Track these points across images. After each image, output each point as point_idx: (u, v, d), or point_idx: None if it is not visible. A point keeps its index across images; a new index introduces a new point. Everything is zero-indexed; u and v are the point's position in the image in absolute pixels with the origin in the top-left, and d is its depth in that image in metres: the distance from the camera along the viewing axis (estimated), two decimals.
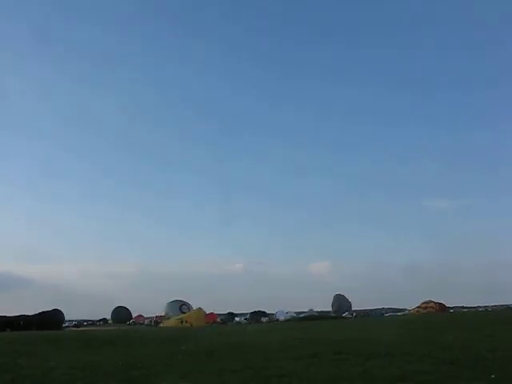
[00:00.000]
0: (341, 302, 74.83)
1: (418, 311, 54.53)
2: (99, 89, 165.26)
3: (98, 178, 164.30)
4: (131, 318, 78.26)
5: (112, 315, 79.59)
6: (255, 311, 73.72)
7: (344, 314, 67.26)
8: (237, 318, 70.95)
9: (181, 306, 59.67)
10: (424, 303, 56.09)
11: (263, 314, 72.21)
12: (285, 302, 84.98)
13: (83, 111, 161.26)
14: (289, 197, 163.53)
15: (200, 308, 54.30)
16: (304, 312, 69.54)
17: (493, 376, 7.75)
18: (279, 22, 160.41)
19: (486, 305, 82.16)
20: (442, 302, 57.42)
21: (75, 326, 59.53)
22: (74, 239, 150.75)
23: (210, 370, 9.66)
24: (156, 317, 71.19)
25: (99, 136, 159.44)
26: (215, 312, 70.51)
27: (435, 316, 36.09)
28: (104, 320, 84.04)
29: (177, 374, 9.41)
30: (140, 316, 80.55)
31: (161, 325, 55.06)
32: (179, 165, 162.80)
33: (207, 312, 57.93)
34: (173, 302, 61.15)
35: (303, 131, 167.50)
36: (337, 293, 76.77)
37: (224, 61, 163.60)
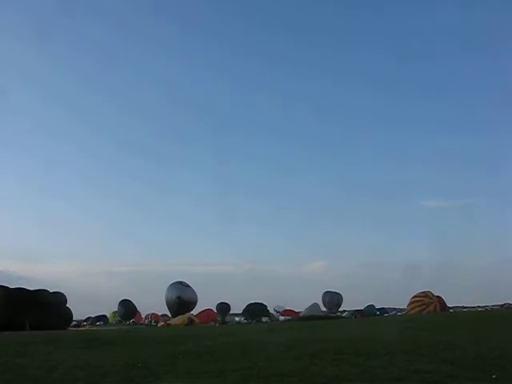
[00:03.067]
0: (328, 297, 74.95)
1: (417, 301, 51.09)
2: (99, 89, 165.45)
3: (97, 178, 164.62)
4: (136, 312, 78.77)
5: (119, 307, 79.98)
6: (251, 303, 72.96)
7: (344, 314, 67.31)
8: (236, 318, 70.97)
9: (181, 283, 61.44)
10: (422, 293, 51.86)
11: (260, 305, 72.05)
12: (285, 302, 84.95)
13: (83, 111, 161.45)
14: (289, 197, 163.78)
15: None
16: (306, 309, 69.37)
17: (493, 376, 7.75)
18: (280, 22, 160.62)
19: (486, 305, 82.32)
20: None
21: (75, 325, 59.49)
22: (74, 238, 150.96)
23: (210, 370, 9.64)
24: (152, 315, 71.40)
25: (99, 136, 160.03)
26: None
27: (435, 316, 36.11)
28: (104, 318, 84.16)
29: (177, 374, 9.41)
30: (139, 315, 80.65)
31: (160, 324, 55.12)
32: (179, 165, 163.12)
33: (205, 308, 58.89)
34: (171, 284, 62.64)
35: (303, 131, 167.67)
36: (325, 290, 77.08)
37: (224, 61, 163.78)
